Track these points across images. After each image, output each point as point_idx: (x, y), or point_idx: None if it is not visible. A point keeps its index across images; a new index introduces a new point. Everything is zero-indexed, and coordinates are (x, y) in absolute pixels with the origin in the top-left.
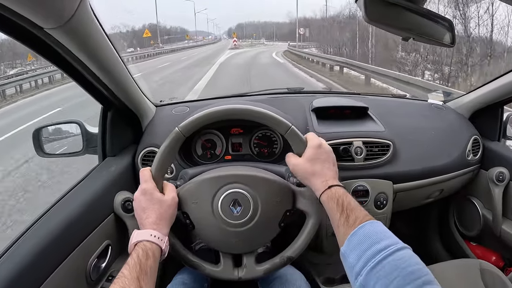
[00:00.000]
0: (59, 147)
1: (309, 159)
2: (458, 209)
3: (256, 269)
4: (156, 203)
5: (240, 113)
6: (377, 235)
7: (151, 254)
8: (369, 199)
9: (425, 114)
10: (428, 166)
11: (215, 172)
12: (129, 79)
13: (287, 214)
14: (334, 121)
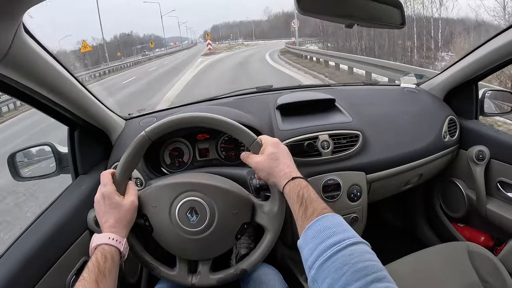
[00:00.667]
0: (36, 169)
1: (271, 154)
2: (442, 192)
3: (210, 277)
4: (115, 207)
5: (206, 121)
6: (332, 229)
7: (110, 256)
8: (342, 193)
9: (396, 100)
10: (402, 153)
11: (175, 179)
12: (88, 98)
13: (245, 226)
14: (299, 116)
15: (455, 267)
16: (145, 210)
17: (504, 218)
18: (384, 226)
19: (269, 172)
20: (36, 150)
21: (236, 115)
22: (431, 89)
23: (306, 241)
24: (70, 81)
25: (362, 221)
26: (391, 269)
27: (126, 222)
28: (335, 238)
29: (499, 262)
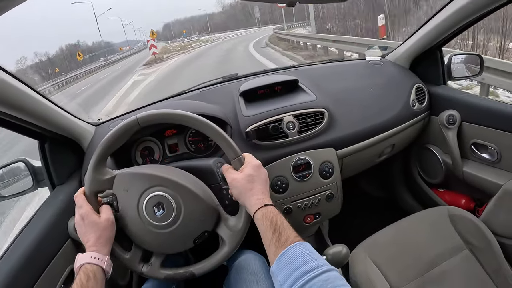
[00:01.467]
0: (14, 186)
1: (249, 175)
2: (419, 160)
3: (160, 271)
4: (93, 225)
5: (199, 125)
6: (306, 257)
7: (92, 275)
8: (313, 171)
9: (362, 73)
10: (371, 125)
11: (152, 170)
12: (51, 109)
13: (205, 234)
14: (263, 101)
15: (438, 232)
16: (116, 190)
17: (481, 179)
18: (365, 198)
19: (242, 192)
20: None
21: (199, 107)
22: (396, 59)
23: (281, 267)
24: (30, 95)
25: (338, 197)
26: (373, 240)
27: (106, 239)
28: (310, 264)
29: (481, 223)
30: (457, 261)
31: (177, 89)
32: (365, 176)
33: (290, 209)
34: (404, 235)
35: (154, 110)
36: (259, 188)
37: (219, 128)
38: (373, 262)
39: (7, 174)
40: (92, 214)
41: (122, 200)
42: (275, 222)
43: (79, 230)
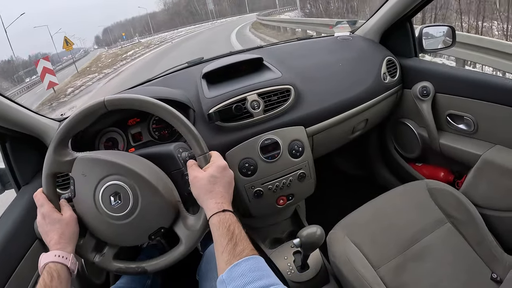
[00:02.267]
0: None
1: (212, 176)
2: (394, 135)
3: (111, 263)
4: (55, 223)
5: (166, 114)
6: (260, 272)
7: (56, 274)
8: (282, 151)
9: (330, 49)
10: (341, 100)
11: (114, 158)
12: (8, 106)
13: (161, 230)
14: (226, 82)
15: (418, 206)
16: (74, 174)
17: (459, 150)
18: (343, 177)
19: (201, 193)
20: None
21: (162, 92)
22: (366, 33)
23: (232, 277)
24: None
25: (311, 177)
26: (351, 219)
27: (70, 236)
28: (264, 281)
29: (461, 195)
30: (439, 235)
31: None
32: (340, 155)
33: (261, 192)
34: (382, 212)
35: (122, 94)
36: (219, 191)
37: (187, 121)
38: (352, 242)
39: None
40: (54, 211)
41: (79, 185)
42: (232, 230)
43: (41, 230)
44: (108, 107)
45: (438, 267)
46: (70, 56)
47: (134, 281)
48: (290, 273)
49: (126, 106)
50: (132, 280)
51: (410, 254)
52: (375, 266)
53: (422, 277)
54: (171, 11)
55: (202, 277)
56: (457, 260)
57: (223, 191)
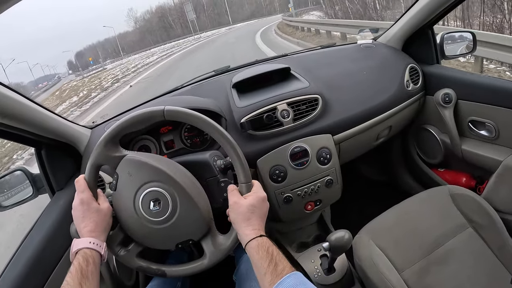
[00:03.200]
0: (15, 195)
1: (252, 205)
2: (417, 141)
3: (133, 259)
4: (93, 212)
5: (217, 135)
6: (302, 286)
7: (91, 260)
8: (310, 158)
9: (354, 57)
10: (366, 108)
11: (161, 165)
12: (44, 114)
13: (189, 242)
14: (256, 91)
15: (440, 211)
16: (120, 171)
17: (481, 156)
18: (366, 183)
19: (239, 220)
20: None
21: (194, 102)
22: (388, 41)
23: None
24: (20, 102)
25: (338, 183)
26: (375, 224)
27: (105, 226)
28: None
29: (483, 200)
30: (461, 239)
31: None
32: (364, 161)
33: (290, 198)
34: (406, 217)
35: (184, 109)
36: (257, 220)
37: (238, 148)
38: (377, 246)
39: (7, 184)
40: (93, 200)
41: (123, 182)
42: (271, 252)
43: (75, 214)
44: (166, 116)
45: (460, 270)
46: (45, 83)
47: (165, 284)
48: (317, 276)
49: (183, 119)
50: (163, 282)
51: (433, 258)
52: (399, 270)
53: (445, 280)
54: (144, 28)
55: (242, 277)
56: (478, 264)
57: (259, 220)
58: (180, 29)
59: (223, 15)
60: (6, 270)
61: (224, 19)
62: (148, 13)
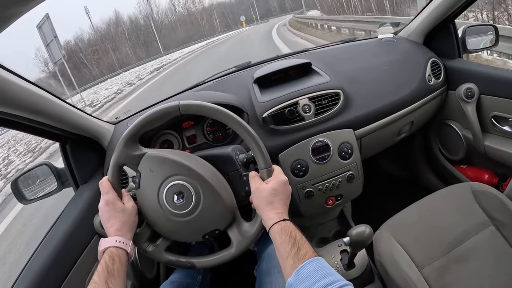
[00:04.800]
0: (39, 189)
1: (274, 189)
2: (439, 136)
3: (162, 254)
4: (119, 211)
5: (234, 125)
6: (324, 271)
7: (118, 258)
8: (332, 153)
9: (375, 52)
10: (387, 103)
11: (182, 159)
12: (69, 110)
13: (216, 232)
14: (278, 86)
15: (462, 209)
16: (142, 168)
17: (504, 153)
18: (387, 178)
19: (262, 204)
20: (35, 171)
21: (216, 97)
22: (409, 35)
23: (300, 279)
24: (48, 99)
25: (359, 178)
26: (396, 220)
27: (131, 225)
28: (330, 278)
29: (506, 198)
30: (482, 237)
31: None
32: (385, 156)
33: (312, 192)
34: (427, 214)
35: (197, 101)
36: (279, 203)
37: (255, 135)
38: (397, 242)
39: (32, 178)
40: (118, 200)
41: (145, 179)
42: (294, 236)
43: (102, 215)
44: (182, 111)
45: (480, 269)
46: None
47: (186, 276)
48: (336, 271)
49: (199, 112)
50: (184, 275)
51: (454, 255)
52: (419, 266)
53: (465, 279)
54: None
55: (263, 273)
56: (499, 263)
57: (282, 204)
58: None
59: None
60: (32, 258)
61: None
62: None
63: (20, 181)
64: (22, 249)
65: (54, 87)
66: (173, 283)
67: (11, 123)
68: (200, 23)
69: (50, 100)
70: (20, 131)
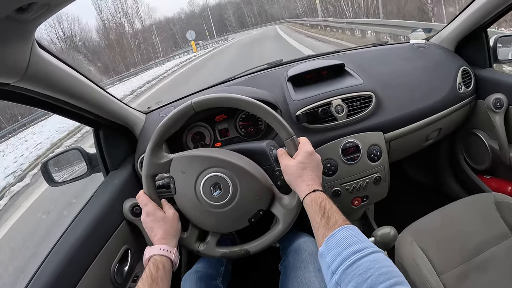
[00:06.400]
0: (69, 172)
1: (301, 162)
2: (465, 145)
3: (215, 249)
4: (160, 220)
5: (250, 107)
6: (353, 238)
7: (161, 266)
8: (361, 154)
9: (407, 57)
10: (417, 108)
11: (209, 153)
12: (107, 98)
13: (260, 213)
14: (311, 85)
15: (484, 218)
16: (173, 173)
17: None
18: (410, 183)
19: (293, 179)
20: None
21: (251, 92)
22: (441, 42)
23: (329, 247)
24: (88, 84)
25: (386, 180)
26: (419, 225)
27: (174, 232)
28: (358, 245)
29: None
30: (502, 249)
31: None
32: (409, 161)
33: (339, 192)
34: (450, 221)
35: (207, 95)
36: (309, 175)
37: (270, 109)
38: (419, 247)
39: (62, 162)
40: (157, 210)
41: (180, 182)
42: (323, 206)
43: (146, 226)
44: (195, 108)
45: (498, 280)
46: None
47: (210, 267)
48: None
49: (212, 105)
50: (208, 265)
51: (473, 264)
52: (439, 273)
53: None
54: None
55: (289, 268)
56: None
57: (312, 174)
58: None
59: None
60: (61, 240)
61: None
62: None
63: (50, 163)
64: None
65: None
66: (198, 272)
67: (52, 106)
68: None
69: (90, 86)
70: (59, 115)
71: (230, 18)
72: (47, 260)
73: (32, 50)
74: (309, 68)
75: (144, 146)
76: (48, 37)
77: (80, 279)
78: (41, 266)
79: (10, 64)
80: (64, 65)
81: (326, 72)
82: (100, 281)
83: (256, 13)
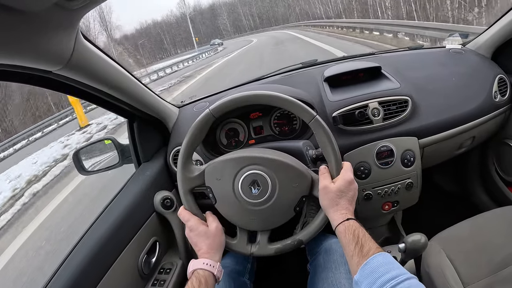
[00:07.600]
0: (100, 162)
1: (340, 191)
2: (496, 155)
3: (268, 247)
4: (202, 235)
5: (268, 99)
6: (388, 266)
7: (204, 280)
8: (395, 159)
9: (443, 62)
10: (453, 115)
11: (238, 153)
12: (144, 91)
13: (303, 199)
14: (347, 87)
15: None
16: (209, 182)
17: None
18: (438, 192)
19: (328, 204)
20: (98, 145)
21: (288, 91)
22: (478, 48)
23: (364, 275)
24: (127, 76)
25: (418, 187)
26: (448, 234)
27: (217, 246)
28: (393, 273)
29: None
30: None
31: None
32: (438, 169)
33: (370, 195)
34: (478, 232)
35: (223, 99)
36: (344, 204)
37: (288, 97)
38: (447, 256)
39: (94, 151)
40: (200, 224)
41: (217, 189)
42: (357, 234)
43: (191, 242)
44: (215, 115)
45: None
46: None
47: (237, 263)
48: None
49: (230, 107)
50: (235, 262)
51: (500, 277)
52: (465, 283)
53: None
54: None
55: (319, 268)
56: None
57: (347, 204)
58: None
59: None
60: (91, 229)
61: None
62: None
63: (82, 152)
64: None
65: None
66: (226, 268)
67: (91, 96)
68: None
69: (129, 78)
70: (96, 105)
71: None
72: (79, 245)
73: (76, 39)
74: (346, 69)
75: (177, 139)
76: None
77: (109, 267)
78: (72, 251)
79: (55, 51)
80: (105, 56)
81: (362, 74)
82: (128, 271)
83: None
